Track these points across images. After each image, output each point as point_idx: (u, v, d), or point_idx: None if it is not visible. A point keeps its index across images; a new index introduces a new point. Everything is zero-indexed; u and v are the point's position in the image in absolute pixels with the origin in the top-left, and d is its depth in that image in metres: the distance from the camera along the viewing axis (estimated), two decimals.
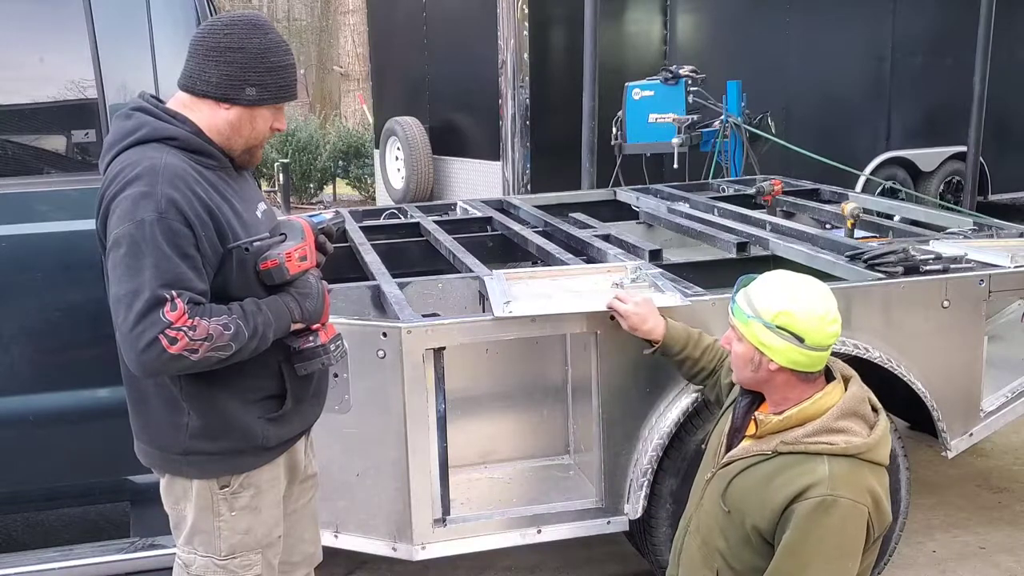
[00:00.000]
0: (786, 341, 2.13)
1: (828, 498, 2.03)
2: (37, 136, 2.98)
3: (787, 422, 2.15)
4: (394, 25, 10.05)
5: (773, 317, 2.14)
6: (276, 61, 2.09)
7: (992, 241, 3.86)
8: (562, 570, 3.64)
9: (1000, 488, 4.27)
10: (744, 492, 2.17)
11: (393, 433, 2.86)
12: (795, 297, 2.16)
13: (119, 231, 1.94)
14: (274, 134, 2.21)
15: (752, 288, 2.23)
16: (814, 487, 2.05)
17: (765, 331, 2.14)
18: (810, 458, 2.09)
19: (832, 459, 2.07)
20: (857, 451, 2.08)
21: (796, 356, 2.13)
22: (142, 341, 1.90)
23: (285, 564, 2.36)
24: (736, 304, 2.23)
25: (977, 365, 3.29)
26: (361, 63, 17.97)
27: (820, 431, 2.10)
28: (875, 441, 2.11)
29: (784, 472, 2.10)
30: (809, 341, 2.13)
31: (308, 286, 2.13)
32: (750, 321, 2.17)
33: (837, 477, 2.05)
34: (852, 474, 2.07)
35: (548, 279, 3.22)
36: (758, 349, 2.16)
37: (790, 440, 2.12)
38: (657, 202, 5.10)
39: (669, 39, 8.34)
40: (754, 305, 2.18)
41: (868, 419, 2.16)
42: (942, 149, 9.31)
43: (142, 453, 2.22)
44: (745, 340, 2.19)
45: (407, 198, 8.80)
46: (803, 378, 2.17)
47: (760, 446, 2.17)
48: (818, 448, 2.09)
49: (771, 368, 2.15)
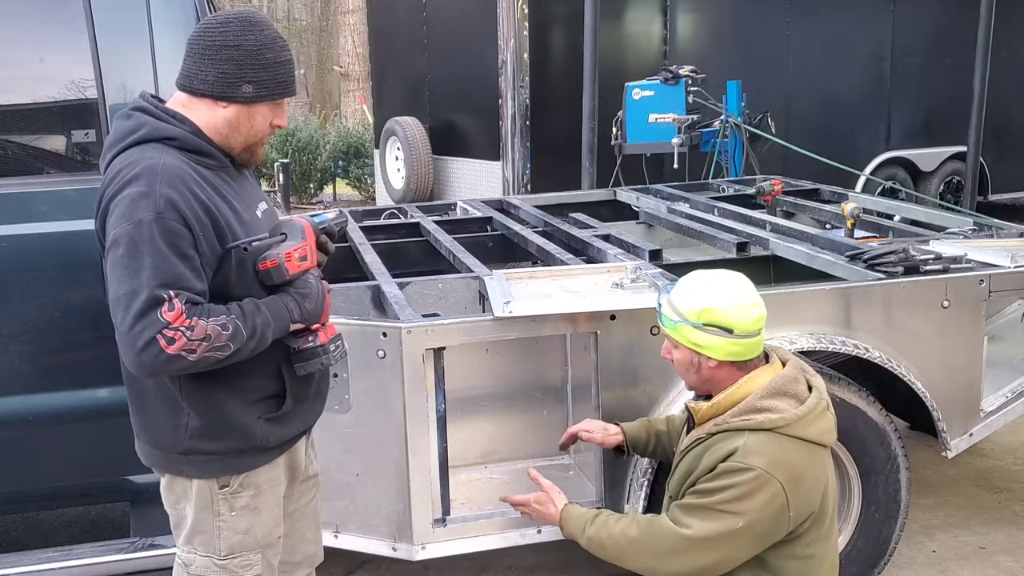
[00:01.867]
0: (717, 336, 2.21)
1: (736, 463, 2.13)
2: (37, 136, 2.98)
3: (715, 407, 2.24)
4: (394, 25, 10.05)
5: (698, 316, 2.22)
6: (272, 57, 2.09)
7: (992, 241, 3.86)
8: (562, 570, 3.64)
9: (1000, 488, 4.26)
10: (680, 475, 2.29)
11: (393, 433, 2.86)
12: (713, 292, 2.25)
13: (117, 231, 1.94)
14: (275, 131, 2.20)
15: (673, 294, 2.31)
16: (728, 456, 2.15)
17: (695, 332, 2.23)
18: (732, 435, 2.18)
19: (751, 433, 2.16)
20: (774, 425, 2.15)
21: (730, 348, 2.22)
22: (140, 341, 1.90)
23: (286, 564, 2.36)
24: (662, 314, 2.32)
25: (977, 365, 3.29)
26: (361, 63, 17.97)
27: (743, 411, 2.19)
28: (795, 416, 2.17)
29: (708, 449, 2.21)
30: (738, 331, 2.21)
31: (308, 286, 2.13)
32: (678, 326, 2.26)
33: (750, 447, 2.14)
34: (768, 446, 2.14)
35: (548, 279, 3.22)
36: (694, 351, 2.24)
37: (720, 422, 2.22)
38: (657, 202, 5.10)
39: (669, 39, 8.34)
40: (678, 309, 2.26)
41: (799, 397, 2.22)
42: (942, 149, 9.31)
43: (143, 453, 2.22)
44: (681, 346, 2.27)
45: (407, 198, 8.80)
46: (743, 367, 2.25)
47: (697, 433, 2.28)
48: (739, 424, 2.18)
49: (711, 365, 2.24)
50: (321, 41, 23.67)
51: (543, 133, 7.79)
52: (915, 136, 9.31)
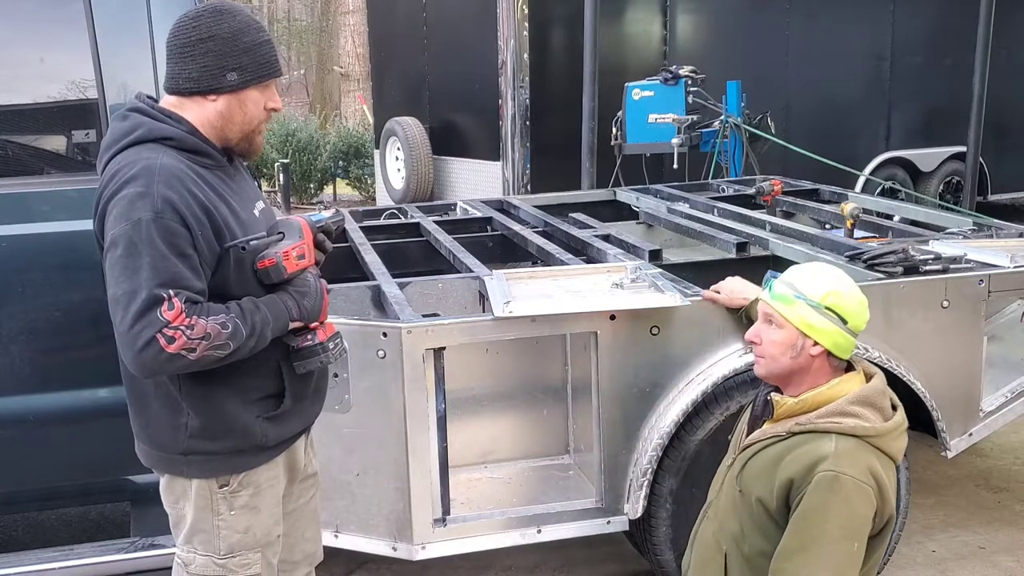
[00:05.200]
0: (831, 323, 2.16)
1: (830, 474, 2.03)
2: (37, 136, 2.98)
3: (803, 404, 2.17)
4: (394, 25, 10.05)
5: (822, 298, 2.16)
6: (250, 41, 2.09)
7: (992, 241, 3.86)
8: (562, 570, 3.64)
9: (1000, 488, 4.27)
10: (757, 471, 2.19)
11: (393, 433, 2.86)
12: (840, 281, 2.21)
13: (116, 231, 1.95)
14: (271, 116, 2.20)
15: (792, 275, 2.25)
16: (819, 463, 2.06)
17: (812, 312, 2.16)
18: (818, 436, 2.10)
19: (839, 438, 2.08)
20: (865, 433, 2.09)
21: (838, 338, 2.17)
22: (140, 341, 1.90)
23: (286, 563, 2.37)
24: (774, 290, 2.23)
25: (977, 365, 3.29)
26: (361, 63, 17.99)
27: (832, 413, 2.12)
28: (885, 429, 2.12)
29: (793, 450, 2.12)
30: (851, 324, 2.17)
31: (306, 284, 2.13)
32: (796, 301, 2.18)
33: (841, 454, 2.06)
34: (856, 452, 2.07)
35: (548, 279, 3.22)
36: (802, 332, 2.17)
37: (804, 421, 2.14)
38: (657, 202, 5.10)
39: (669, 39, 8.34)
40: (798, 288, 2.20)
41: (884, 412, 2.17)
42: (942, 149, 9.31)
43: (143, 454, 2.22)
44: (788, 324, 2.19)
45: (407, 198, 8.80)
46: (835, 366, 2.20)
47: (776, 428, 2.19)
48: (827, 427, 2.10)
49: (812, 353, 2.17)
50: (321, 41, 23.67)
51: (543, 133, 7.79)
52: (915, 136, 9.31)
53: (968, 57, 8.18)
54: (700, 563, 2.34)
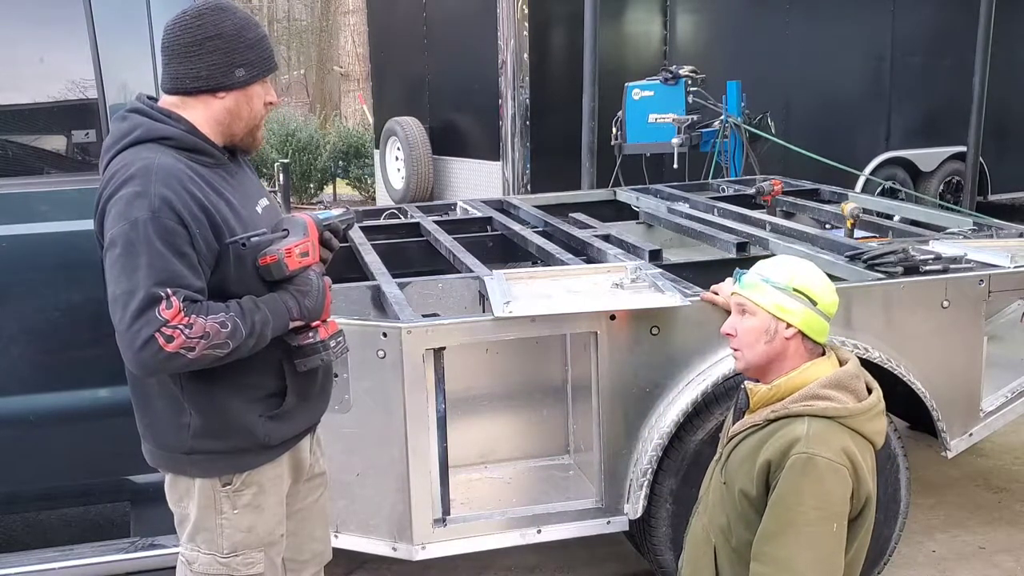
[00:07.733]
0: (801, 303, 2.19)
1: (803, 456, 2.06)
2: (37, 136, 2.98)
3: (776, 391, 2.20)
4: (394, 25, 10.05)
5: (789, 280, 2.21)
6: (252, 36, 2.10)
7: (992, 241, 3.86)
8: (562, 570, 3.65)
9: (1000, 488, 4.27)
10: (739, 461, 2.22)
11: (393, 433, 2.86)
12: (804, 267, 2.27)
13: (114, 231, 1.95)
14: (269, 110, 2.21)
15: (759, 266, 2.29)
16: (792, 446, 2.09)
17: (780, 294, 2.20)
18: (792, 420, 2.14)
19: (812, 420, 2.12)
20: (836, 414, 2.12)
21: (810, 319, 2.20)
22: (138, 340, 1.90)
23: (294, 562, 2.37)
24: (742, 279, 2.28)
25: (977, 365, 3.29)
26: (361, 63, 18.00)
27: (805, 396, 2.16)
28: (858, 409, 2.15)
29: (770, 436, 2.15)
30: (820, 305, 2.21)
31: (308, 283, 2.13)
32: (764, 286, 2.22)
33: (814, 436, 2.09)
34: (829, 433, 2.10)
35: (548, 279, 3.22)
36: (774, 315, 2.20)
37: (778, 408, 2.18)
38: (657, 202, 5.10)
39: (669, 39, 8.35)
40: (766, 275, 2.24)
41: (858, 394, 2.20)
42: (942, 149, 9.31)
43: (148, 453, 2.22)
44: (759, 310, 2.22)
45: (407, 198, 8.80)
46: (811, 350, 2.23)
47: (755, 418, 2.23)
48: (799, 410, 2.14)
49: (786, 335, 2.20)
50: (321, 41, 23.68)
51: (543, 133, 7.79)
52: (915, 136, 9.31)
53: (968, 57, 8.19)
54: (692, 557, 2.37)
